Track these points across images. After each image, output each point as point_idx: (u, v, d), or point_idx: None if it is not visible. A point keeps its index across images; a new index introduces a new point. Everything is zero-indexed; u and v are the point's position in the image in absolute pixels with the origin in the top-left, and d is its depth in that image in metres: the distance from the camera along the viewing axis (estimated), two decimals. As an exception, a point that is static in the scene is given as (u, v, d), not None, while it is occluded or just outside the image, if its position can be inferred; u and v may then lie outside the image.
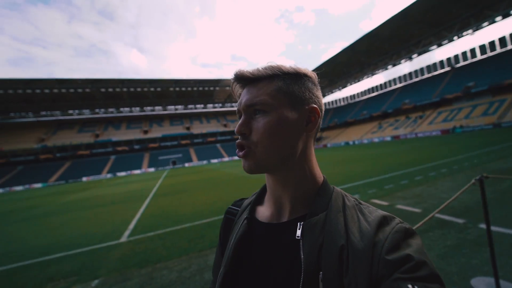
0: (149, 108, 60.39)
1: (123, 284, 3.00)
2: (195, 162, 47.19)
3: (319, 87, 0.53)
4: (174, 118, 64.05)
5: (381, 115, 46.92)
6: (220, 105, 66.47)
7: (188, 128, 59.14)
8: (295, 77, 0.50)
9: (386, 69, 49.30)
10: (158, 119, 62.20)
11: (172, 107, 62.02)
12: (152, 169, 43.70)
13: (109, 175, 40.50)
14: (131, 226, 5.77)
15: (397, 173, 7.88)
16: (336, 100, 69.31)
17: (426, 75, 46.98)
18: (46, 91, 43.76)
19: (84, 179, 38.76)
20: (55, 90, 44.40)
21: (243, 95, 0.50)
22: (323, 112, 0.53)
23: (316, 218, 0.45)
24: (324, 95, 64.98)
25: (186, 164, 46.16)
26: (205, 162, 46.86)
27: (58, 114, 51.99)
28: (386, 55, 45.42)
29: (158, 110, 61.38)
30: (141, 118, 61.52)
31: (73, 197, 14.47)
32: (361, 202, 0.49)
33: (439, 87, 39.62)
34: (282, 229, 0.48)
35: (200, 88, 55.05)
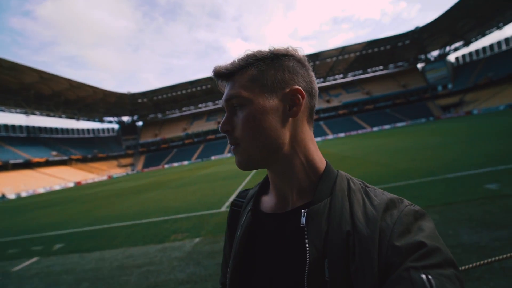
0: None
1: (212, 245, 3.73)
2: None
3: (307, 66, 0.49)
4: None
5: None
6: (322, 80, 62.91)
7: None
8: (272, 60, 0.46)
9: None
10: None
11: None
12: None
13: (229, 155, 48.80)
14: (231, 198, 6.86)
15: None
16: (490, 46, 48.43)
17: None
18: (184, 91, 57.95)
19: (213, 158, 48.77)
20: (189, 90, 57.87)
21: (225, 92, 0.49)
22: (313, 91, 0.48)
23: (320, 204, 0.43)
24: (469, 40, 47.14)
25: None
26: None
27: (193, 108, 67.21)
28: None
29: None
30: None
31: (202, 172, 18.69)
32: (368, 185, 0.47)
33: None
34: (287, 218, 0.47)
35: (299, 66, 54.14)
